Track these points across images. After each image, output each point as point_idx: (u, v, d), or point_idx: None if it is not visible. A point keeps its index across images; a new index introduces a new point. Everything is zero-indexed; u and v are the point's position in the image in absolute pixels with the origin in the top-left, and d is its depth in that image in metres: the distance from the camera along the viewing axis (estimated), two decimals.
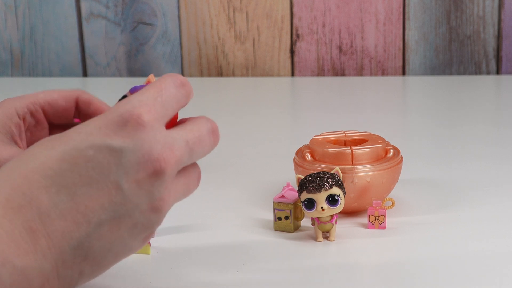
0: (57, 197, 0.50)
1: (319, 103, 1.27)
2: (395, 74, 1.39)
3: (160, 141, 0.52)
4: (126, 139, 0.51)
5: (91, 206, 0.51)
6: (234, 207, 0.83)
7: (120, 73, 1.43)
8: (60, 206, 0.50)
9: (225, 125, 1.15)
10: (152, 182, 0.52)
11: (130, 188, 0.51)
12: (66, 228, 0.50)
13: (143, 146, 0.51)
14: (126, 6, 1.41)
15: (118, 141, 0.51)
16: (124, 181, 0.51)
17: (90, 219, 0.51)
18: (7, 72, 1.46)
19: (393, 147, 0.81)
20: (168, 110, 0.54)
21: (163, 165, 0.52)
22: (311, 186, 0.72)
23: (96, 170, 0.51)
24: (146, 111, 0.52)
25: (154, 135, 0.52)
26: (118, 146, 0.51)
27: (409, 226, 0.76)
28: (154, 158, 0.51)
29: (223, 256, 0.71)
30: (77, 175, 0.51)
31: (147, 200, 0.52)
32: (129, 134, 0.51)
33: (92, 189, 0.51)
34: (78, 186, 0.51)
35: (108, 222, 0.51)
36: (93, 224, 0.51)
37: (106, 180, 0.51)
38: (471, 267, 0.68)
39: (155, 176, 0.52)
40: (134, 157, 0.51)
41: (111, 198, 0.51)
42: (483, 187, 0.86)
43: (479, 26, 1.35)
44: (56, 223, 0.50)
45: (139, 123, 0.51)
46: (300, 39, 1.39)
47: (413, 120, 1.17)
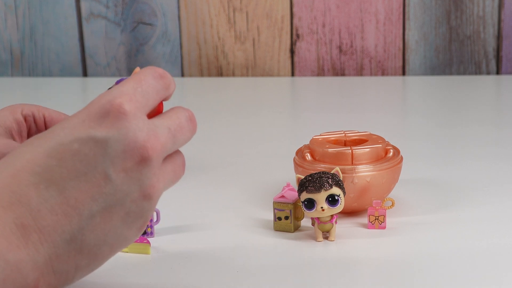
0: (46, 192, 0.51)
1: (319, 103, 1.27)
2: (395, 74, 1.39)
3: (144, 129, 0.52)
4: (109, 129, 0.52)
5: (81, 199, 0.51)
6: (234, 207, 0.83)
7: (120, 73, 1.43)
8: (50, 201, 0.51)
9: (225, 125, 1.15)
10: (140, 170, 0.52)
11: (119, 178, 0.52)
12: (58, 222, 0.51)
13: (127, 134, 0.52)
14: (126, 6, 1.41)
15: (102, 131, 0.51)
16: (111, 170, 0.51)
17: (81, 212, 0.51)
18: (7, 72, 1.46)
19: (393, 147, 0.81)
20: (149, 101, 0.55)
21: (150, 152, 0.52)
22: (311, 186, 0.72)
23: (83, 162, 0.51)
24: (126, 101, 0.52)
25: (137, 123, 0.52)
26: (103, 136, 0.51)
27: (409, 226, 0.76)
28: (140, 145, 0.52)
29: (223, 256, 0.71)
30: (64, 170, 0.51)
31: (137, 188, 0.52)
32: (112, 124, 0.52)
33: (80, 182, 0.51)
34: (67, 180, 0.51)
35: (99, 213, 0.52)
36: (84, 216, 0.51)
37: (94, 171, 0.51)
38: (471, 267, 0.68)
39: (142, 163, 0.52)
40: (120, 146, 0.51)
41: (101, 189, 0.51)
42: (483, 187, 0.86)
43: (479, 26, 1.35)
44: (47, 217, 0.51)
45: (120, 112, 0.52)
46: (300, 39, 1.39)
47: (413, 120, 1.17)
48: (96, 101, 0.53)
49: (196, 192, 0.87)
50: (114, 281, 0.66)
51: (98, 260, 0.53)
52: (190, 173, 0.75)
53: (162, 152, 0.53)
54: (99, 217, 0.52)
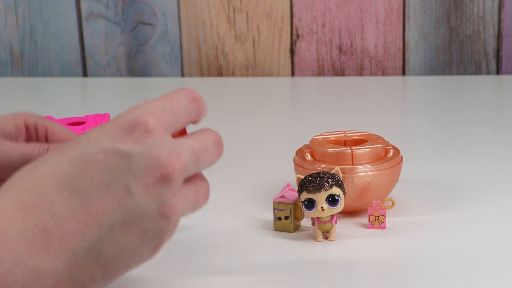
0: (69, 199, 0.51)
1: (319, 103, 1.27)
2: (395, 74, 1.39)
3: (167, 148, 0.53)
4: (134, 144, 0.52)
5: (102, 209, 0.52)
6: (234, 207, 0.83)
7: (120, 73, 1.43)
8: (73, 208, 0.51)
9: (225, 125, 1.15)
10: (159, 187, 0.53)
11: (139, 193, 0.52)
12: (78, 229, 0.51)
13: (150, 151, 0.52)
14: (126, 6, 1.41)
15: (127, 145, 0.52)
16: (133, 185, 0.52)
17: (101, 222, 0.52)
18: (7, 72, 1.46)
19: (393, 147, 0.81)
20: (177, 122, 0.56)
21: (170, 170, 0.53)
22: (311, 186, 0.72)
23: (106, 173, 0.52)
24: (153, 119, 0.53)
25: (161, 142, 0.53)
26: (127, 150, 0.52)
27: (409, 226, 0.76)
28: (161, 163, 0.53)
29: (223, 256, 0.71)
30: (88, 178, 0.52)
31: (156, 205, 0.53)
32: (137, 139, 0.53)
33: (103, 192, 0.52)
34: (90, 189, 0.52)
35: (119, 226, 0.52)
36: (104, 227, 0.52)
37: (116, 183, 0.52)
38: (471, 267, 0.68)
39: (162, 181, 0.53)
40: (142, 162, 0.52)
41: (122, 201, 0.52)
42: (483, 187, 0.86)
43: (479, 26, 1.35)
44: (69, 224, 0.51)
45: (146, 129, 0.53)
46: (300, 39, 1.39)
47: (413, 120, 1.16)
48: (123, 115, 0.54)
49: None
50: (114, 281, 0.66)
51: (113, 274, 0.54)
52: None
53: (183, 172, 0.54)
54: (118, 229, 0.52)
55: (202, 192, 0.57)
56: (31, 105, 1.30)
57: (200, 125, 1.17)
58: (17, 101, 1.34)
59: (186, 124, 0.57)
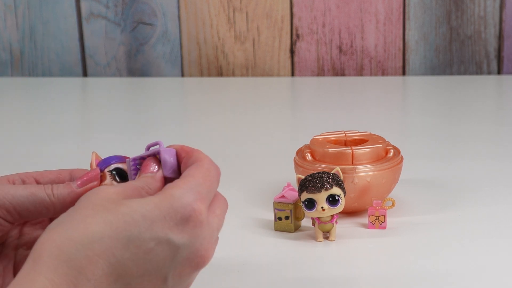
0: (114, 285, 0.52)
1: (319, 103, 1.27)
2: (395, 74, 1.39)
3: (207, 237, 0.55)
4: (185, 235, 0.54)
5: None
6: (234, 207, 0.82)
7: (120, 73, 1.43)
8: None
9: (225, 125, 1.15)
10: (191, 273, 0.55)
11: (173, 279, 0.54)
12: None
13: (195, 243, 0.54)
14: (126, 6, 1.41)
15: (179, 237, 0.53)
16: (171, 275, 0.54)
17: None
18: (7, 72, 1.46)
19: (393, 147, 0.81)
20: (209, 202, 0.57)
21: (206, 260, 0.55)
22: (311, 186, 0.72)
23: (152, 263, 0.53)
24: (204, 208, 0.55)
25: (205, 232, 0.55)
26: (178, 242, 0.53)
27: (410, 226, 0.76)
28: (202, 254, 0.55)
29: (223, 256, 0.71)
30: (135, 267, 0.53)
31: (180, 285, 0.55)
32: (189, 231, 0.54)
33: (144, 280, 0.53)
34: (134, 277, 0.53)
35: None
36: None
37: (157, 273, 0.54)
38: (471, 267, 0.68)
39: (196, 268, 0.55)
40: (185, 253, 0.54)
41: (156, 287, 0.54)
42: (483, 187, 0.86)
43: (480, 26, 1.35)
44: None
45: (200, 221, 0.54)
46: (300, 39, 1.39)
47: (413, 120, 1.16)
48: (179, 198, 0.54)
49: None
50: None
51: None
52: None
53: (213, 255, 0.56)
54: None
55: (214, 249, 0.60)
56: (31, 105, 1.29)
57: (204, 124, 1.17)
58: (17, 101, 1.34)
59: None
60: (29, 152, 1.03)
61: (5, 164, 0.98)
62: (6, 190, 0.60)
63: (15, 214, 0.59)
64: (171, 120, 1.18)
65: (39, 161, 0.99)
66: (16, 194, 0.60)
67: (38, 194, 0.59)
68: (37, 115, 1.23)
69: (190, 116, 1.22)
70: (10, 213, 0.59)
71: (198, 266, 0.55)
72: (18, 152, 1.03)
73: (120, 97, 1.36)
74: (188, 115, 1.23)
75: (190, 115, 1.23)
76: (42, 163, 0.98)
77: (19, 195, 0.60)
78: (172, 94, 1.35)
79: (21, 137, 1.11)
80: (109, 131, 1.13)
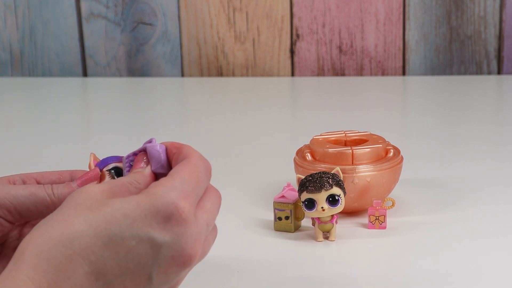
0: (95, 284, 0.52)
1: (319, 103, 1.27)
2: (395, 74, 1.39)
3: (193, 235, 0.54)
4: (167, 233, 0.53)
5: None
6: (234, 207, 0.83)
7: (120, 73, 1.43)
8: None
9: (225, 125, 1.15)
10: (178, 271, 0.54)
11: (159, 278, 0.54)
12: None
13: (179, 241, 0.53)
14: (126, 6, 1.41)
15: (161, 235, 0.53)
16: (155, 273, 0.53)
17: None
18: (7, 72, 1.46)
19: (393, 147, 0.81)
20: (198, 199, 0.56)
21: (192, 258, 0.54)
22: (311, 186, 0.72)
23: (134, 261, 0.53)
24: (188, 205, 0.54)
25: (190, 230, 0.54)
26: (159, 240, 0.53)
27: (410, 226, 0.76)
28: (187, 253, 0.54)
29: (223, 256, 0.71)
30: (116, 265, 0.52)
31: (167, 284, 0.55)
32: (172, 229, 0.53)
33: (126, 279, 0.53)
34: (115, 275, 0.52)
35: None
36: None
37: (140, 271, 0.53)
38: (471, 267, 0.68)
39: (182, 267, 0.54)
40: (170, 251, 0.53)
41: (140, 286, 0.54)
42: (483, 187, 0.86)
43: (480, 26, 1.35)
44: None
45: (182, 218, 0.53)
46: (300, 39, 1.39)
47: (413, 120, 1.16)
48: (161, 196, 0.53)
49: None
50: None
51: None
52: None
53: (201, 253, 0.55)
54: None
55: (210, 242, 0.58)
56: (31, 105, 1.29)
57: (204, 124, 1.17)
58: (17, 101, 1.34)
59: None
60: (29, 152, 1.03)
61: (5, 164, 0.98)
62: (7, 190, 0.60)
63: (15, 214, 0.59)
64: (171, 120, 1.18)
65: (39, 161, 0.99)
66: (17, 194, 0.60)
67: (38, 194, 0.60)
68: (37, 115, 1.23)
69: (190, 116, 1.22)
70: (11, 213, 0.59)
71: (185, 264, 0.54)
72: (18, 152, 1.03)
73: (120, 97, 1.36)
74: (188, 115, 1.23)
75: (190, 115, 1.23)
76: (42, 163, 0.98)
77: (20, 195, 0.60)
78: (172, 94, 1.35)
79: (21, 137, 1.11)
80: (109, 131, 1.13)
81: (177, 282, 0.56)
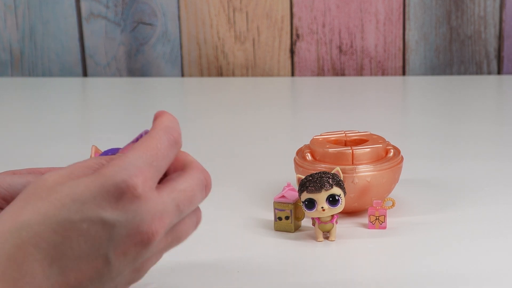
0: (49, 270, 0.51)
1: (319, 103, 1.27)
2: (395, 74, 1.39)
3: (151, 211, 0.52)
4: (120, 212, 0.51)
5: (79, 279, 0.51)
6: (234, 207, 0.83)
7: (120, 73, 1.43)
8: (52, 279, 0.51)
9: (225, 125, 1.15)
10: (138, 251, 0.52)
11: (117, 259, 0.52)
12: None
13: (134, 218, 0.51)
14: (126, 6, 1.41)
15: (113, 214, 0.51)
16: (112, 254, 0.52)
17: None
18: (7, 72, 1.46)
19: (393, 147, 0.81)
20: (160, 172, 0.54)
21: (151, 236, 0.52)
22: (311, 186, 0.72)
23: (87, 244, 0.51)
24: (142, 181, 0.52)
25: (146, 207, 0.52)
26: (112, 219, 0.51)
27: (410, 226, 0.76)
28: (143, 230, 0.52)
29: (223, 256, 0.71)
30: (69, 249, 0.51)
31: (131, 266, 0.53)
32: (123, 207, 0.51)
33: (82, 263, 0.51)
34: (70, 259, 0.51)
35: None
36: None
37: (96, 253, 0.51)
38: (471, 267, 0.68)
39: (142, 246, 0.52)
40: (125, 230, 0.51)
41: (99, 270, 0.52)
42: (483, 187, 0.86)
43: (480, 26, 1.35)
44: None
45: (134, 195, 0.51)
46: (300, 39, 1.39)
47: (414, 120, 1.16)
48: (111, 176, 0.51)
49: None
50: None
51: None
52: None
53: (165, 232, 0.53)
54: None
55: (189, 227, 0.56)
56: (31, 105, 1.29)
57: (204, 124, 1.16)
58: (17, 101, 1.34)
59: (166, 169, 0.55)
60: (29, 152, 1.03)
61: (5, 164, 0.98)
62: (3, 179, 0.59)
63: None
64: None
65: (39, 161, 0.99)
66: (13, 182, 0.59)
67: None
68: (37, 115, 1.23)
69: (190, 116, 1.22)
70: (7, 201, 0.59)
71: (143, 243, 0.52)
72: (18, 152, 1.03)
73: (120, 97, 1.36)
74: (188, 115, 1.23)
75: (190, 115, 1.23)
76: (42, 163, 0.98)
77: (16, 183, 0.59)
78: (172, 94, 1.35)
79: (21, 137, 1.11)
80: (109, 131, 1.13)
81: (142, 266, 0.54)
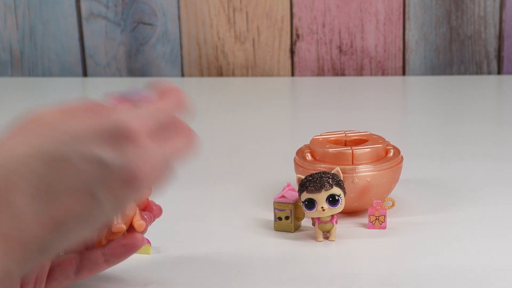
0: (35, 203, 0.49)
1: (319, 103, 1.27)
2: (395, 74, 1.39)
3: (142, 155, 0.52)
4: (114, 152, 0.51)
5: (65, 215, 0.50)
6: (234, 207, 0.83)
7: (120, 73, 1.43)
8: (37, 213, 0.50)
9: (225, 125, 1.15)
10: (125, 192, 0.52)
11: (104, 198, 0.51)
12: (39, 235, 0.50)
13: (125, 158, 0.51)
14: (126, 6, 1.41)
15: (107, 153, 0.50)
16: (101, 192, 0.51)
17: (61, 227, 0.50)
18: (7, 72, 1.46)
19: (393, 147, 0.81)
20: (159, 125, 0.54)
21: (137, 177, 0.51)
22: (311, 186, 0.72)
23: (77, 179, 0.50)
24: (139, 126, 0.51)
25: (139, 152, 0.51)
26: (106, 158, 0.50)
27: (410, 226, 0.76)
28: (130, 168, 0.51)
29: (223, 256, 0.71)
30: (58, 182, 0.50)
31: (115, 205, 0.52)
32: (119, 147, 0.51)
33: (69, 198, 0.50)
34: (57, 194, 0.50)
35: (76, 227, 0.51)
36: (62, 231, 0.51)
37: (84, 190, 0.50)
38: (471, 267, 0.68)
39: (128, 187, 0.52)
40: (116, 170, 0.51)
41: (84, 207, 0.51)
42: (483, 187, 0.86)
43: (480, 26, 1.35)
44: (32, 230, 0.49)
45: (130, 137, 0.51)
46: (300, 39, 1.39)
47: (414, 120, 1.16)
48: (110, 117, 0.51)
49: (196, 192, 0.87)
50: (114, 282, 0.66)
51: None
52: (190, 173, 0.75)
53: (151, 176, 0.53)
54: (73, 231, 0.51)
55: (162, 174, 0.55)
56: (31, 105, 1.29)
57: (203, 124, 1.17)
58: (17, 101, 1.34)
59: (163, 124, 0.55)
60: None
61: None
62: None
63: None
64: None
65: None
66: None
67: None
68: None
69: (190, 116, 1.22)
70: None
71: (129, 182, 0.51)
72: None
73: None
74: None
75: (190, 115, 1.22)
76: None
77: None
78: None
79: None
80: None
81: (123, 201, 0.53)
